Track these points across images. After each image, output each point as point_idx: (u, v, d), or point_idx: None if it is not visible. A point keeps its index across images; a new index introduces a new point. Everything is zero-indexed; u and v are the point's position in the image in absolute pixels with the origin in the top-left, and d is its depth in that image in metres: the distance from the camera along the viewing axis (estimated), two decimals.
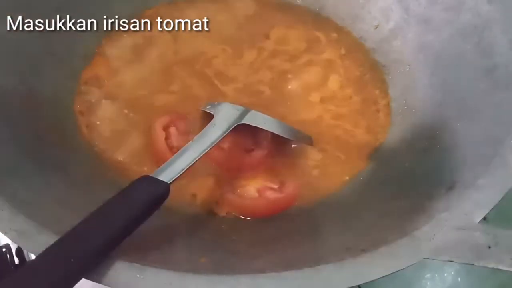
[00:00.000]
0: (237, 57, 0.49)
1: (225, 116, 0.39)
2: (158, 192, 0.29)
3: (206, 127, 0.37)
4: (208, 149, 0.35)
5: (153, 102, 0.45)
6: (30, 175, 0.33)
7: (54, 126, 0.40)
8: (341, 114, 0.46)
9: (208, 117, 0.40)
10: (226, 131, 0.37)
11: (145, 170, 0.40)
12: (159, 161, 0.36)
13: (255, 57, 0.50)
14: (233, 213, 0.38)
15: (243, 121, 0.39)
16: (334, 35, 0.53)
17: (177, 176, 0.31)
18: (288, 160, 0.42)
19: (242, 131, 0.40)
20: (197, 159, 0.33)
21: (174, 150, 0.40)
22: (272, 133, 0.40)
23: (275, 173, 0.41)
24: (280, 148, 0.42)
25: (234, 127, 0.38)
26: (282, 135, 0.40)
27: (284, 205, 0.39)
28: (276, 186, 0.40)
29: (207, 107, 0.42)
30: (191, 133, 0.42)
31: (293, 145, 0.43)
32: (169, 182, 0.30)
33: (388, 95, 0.48)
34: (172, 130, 0.42)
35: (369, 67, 0.50)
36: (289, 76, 0.48)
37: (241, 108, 0.40)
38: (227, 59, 0.49)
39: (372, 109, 0.47)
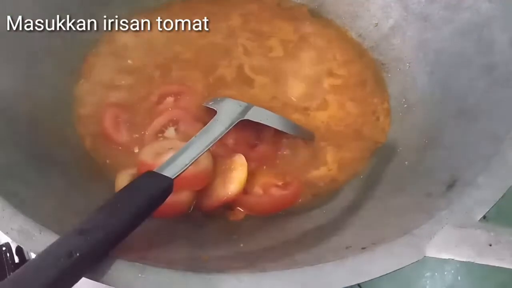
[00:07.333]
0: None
1: (228, 112, 0.39)
2: (162, 187, 0.29)
3: (209, 123, 0.37)
4: (211, 145, 0.35)
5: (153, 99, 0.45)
6: (30, 175, 0.33)
7: (54, 126, 0.40)
8: (342, 113, 0.46)
9: (211, 113, 0.40)
10: (229, 127, 0.37)
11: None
12: None
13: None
14: (239, 209, 0.38)
15: (246, 117, 0.39)
16: (332, 33, 0.53)
17: (181, 171, 0.31)
18: (291, 157, 0.42)
19: (245, 127, 0.40)
20: (200, 155, 0.33)
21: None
22: (275, 129, 0.40)
23: (279, 170, 0.41)
24: (283, 144, 0.42)
25: (237, 122, 0.38)
26: (285, 131, 0.40)
27: (289, 202, 0.39)
28: (280, 183, 0.40)
29: (210, 103, 0.42)
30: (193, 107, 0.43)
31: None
32: (173, 178, 0.30)
33: (388, 97, 0.48)
34: (169, 99, 0.43)
35: (368, 66, 0.50)
36: (287, 70, 0.49)
37: (244, 104, 0.40)
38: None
39: (373, 108, 0.47)
